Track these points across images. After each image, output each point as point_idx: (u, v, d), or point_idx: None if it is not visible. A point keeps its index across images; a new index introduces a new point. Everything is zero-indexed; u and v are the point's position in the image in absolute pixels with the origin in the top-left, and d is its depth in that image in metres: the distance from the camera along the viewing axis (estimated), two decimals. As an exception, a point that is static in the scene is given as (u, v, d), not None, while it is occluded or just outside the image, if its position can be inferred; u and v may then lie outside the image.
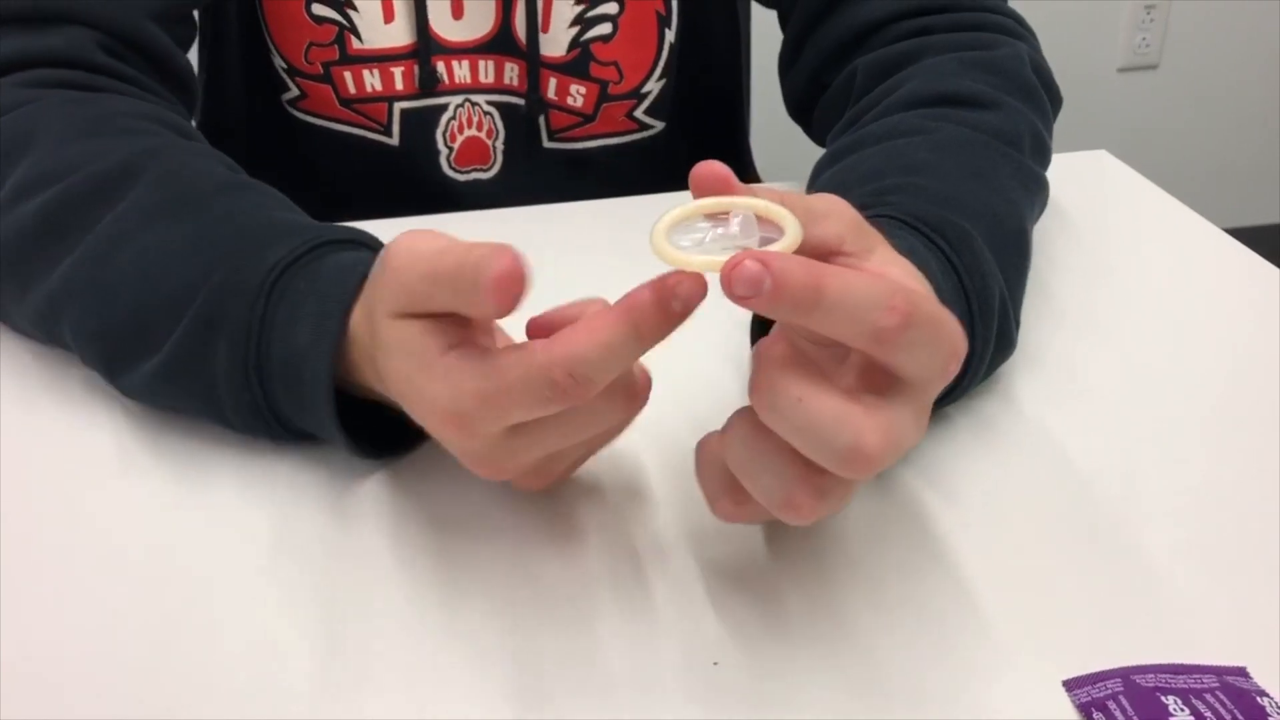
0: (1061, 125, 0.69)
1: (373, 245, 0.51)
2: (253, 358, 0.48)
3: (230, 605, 0.44)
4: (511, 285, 0.37)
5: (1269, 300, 0.63)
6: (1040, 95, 0.65)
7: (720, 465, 0.41)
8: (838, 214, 0.40)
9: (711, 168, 0.38)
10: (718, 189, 0.38)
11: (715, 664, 0.42)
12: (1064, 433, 0.53)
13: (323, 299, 0.47)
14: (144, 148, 0.55)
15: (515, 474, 0.44)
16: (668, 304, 0.36)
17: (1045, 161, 0.64)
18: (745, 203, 0.37)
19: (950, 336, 0.38)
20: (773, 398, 0.37)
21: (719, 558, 0.46)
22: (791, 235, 0.37)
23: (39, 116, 0.58)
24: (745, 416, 0.40)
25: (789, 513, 0.39)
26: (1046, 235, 0.70)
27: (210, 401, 0.50)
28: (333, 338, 0.46)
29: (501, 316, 0.39)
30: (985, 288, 0.50)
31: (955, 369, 0.39)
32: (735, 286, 0.34)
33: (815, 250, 0.39)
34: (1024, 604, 0.44)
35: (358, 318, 0.46)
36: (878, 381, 0.38)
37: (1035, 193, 0.60)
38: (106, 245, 0.52)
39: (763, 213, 0.37)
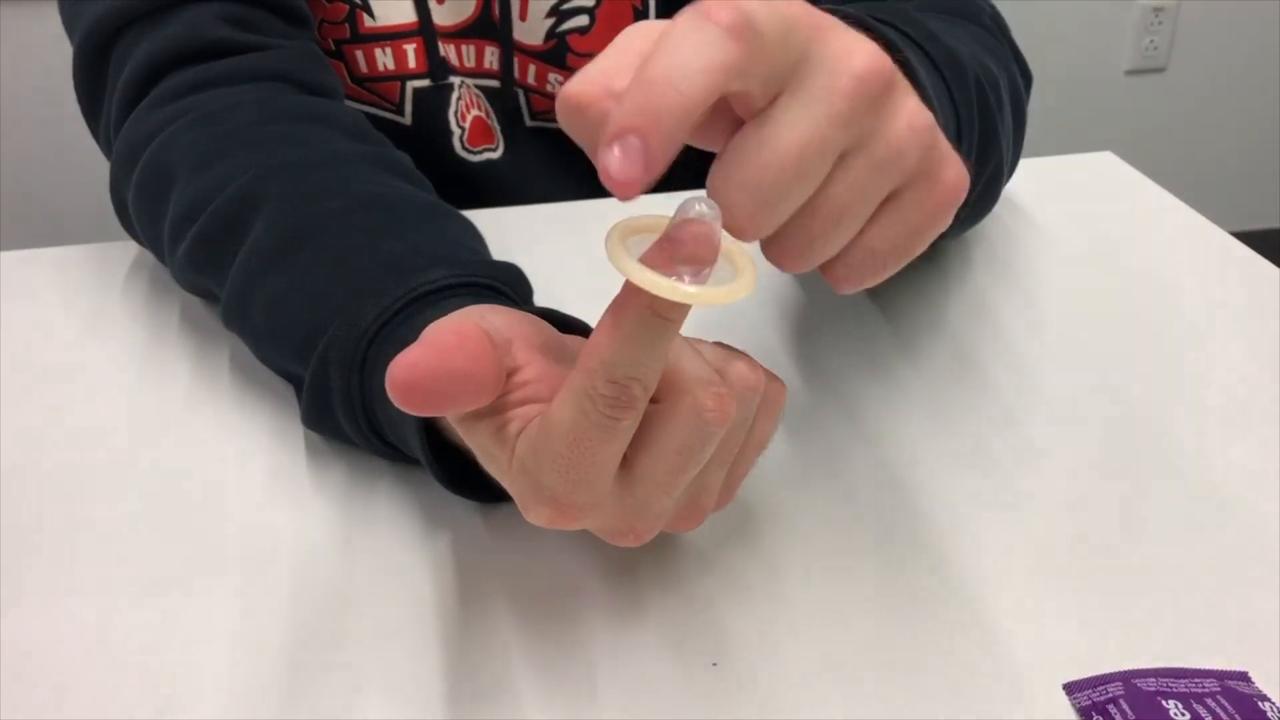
0: (1068, 127, 0.69)
1: (480, 281, 0.49)
2: (364, 425, 0.48)
3: (230, 605, 0.45)
4: (411, 389, 0.34)
5: (1275, 304, 0.63)
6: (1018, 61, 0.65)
7: None
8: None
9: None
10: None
11: (714, 665, 0.42)
12: (1065, 433, 0.53)
13: None
14: (266, 168, 0.55)
15: (659, 526, 0.40)
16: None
17: (1020, 120, 0.63)
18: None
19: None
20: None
21: (717, 558, 0.46)
22: (745, 280, 0.34)
23: (170, 149, 0.59)
24: None
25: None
26: (1052, 235, 0.70)
27: (356, 439, 0.50)
28: (418, 421, 0.45)
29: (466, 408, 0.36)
30: (957, 64, 0.49)
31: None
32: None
33: None
34: (1025, 607, 0.44)
35: None
36: None
37: (1014, 121, 0.59)
38: (241, 289, 0.53)
39: (724, 251, 0.35)
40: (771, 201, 0.33)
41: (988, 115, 0.51)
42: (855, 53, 0.33)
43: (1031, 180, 0.75)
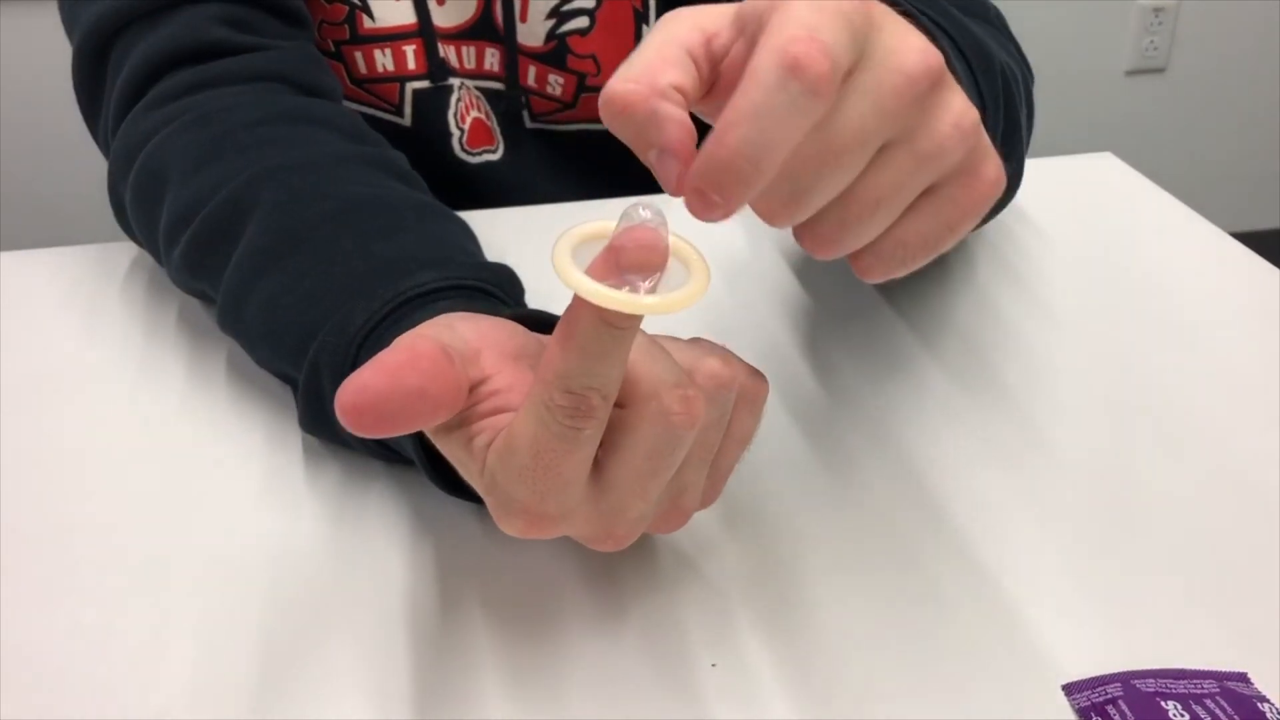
0: (1068, 128, 0.69)
1: (470, 284, 0.48)
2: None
3: (228, 606, 0.45)
4: (361, 412, 0.33)
5: (1273, 304, 0.63)
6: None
7: None
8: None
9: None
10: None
11: (713, 665, 0.42)
12: (1065, 435, 0.53)
13: None
14: (260, 170, 0.55)
15: (639, 530, 0.40)
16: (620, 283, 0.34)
17: (1031, 118, 0.64)
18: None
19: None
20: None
21: (715, 558, 0.46)
22: (695, 286, 0.34)
23: (165, 151, 0.59)
24: None
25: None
26: (1052, 236, 0.70)
27: (353, 443, 0.50)
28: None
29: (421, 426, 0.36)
30: (985, 57, 0.49)
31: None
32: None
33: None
34: (1024, 607, 0.44)
35: None
36: None
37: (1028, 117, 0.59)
38: (236, 292, 0.53)
39: (673, 251, 0.35)
40: (807, 190, 0.32)
41: (1012, 111, 0.51)
42: (907, 49, 0.33)
43: (1031, 180, 0.75)
